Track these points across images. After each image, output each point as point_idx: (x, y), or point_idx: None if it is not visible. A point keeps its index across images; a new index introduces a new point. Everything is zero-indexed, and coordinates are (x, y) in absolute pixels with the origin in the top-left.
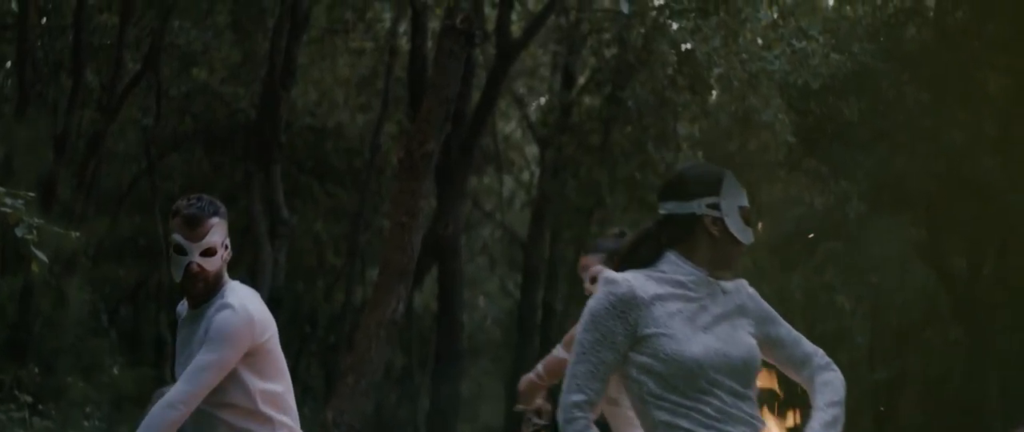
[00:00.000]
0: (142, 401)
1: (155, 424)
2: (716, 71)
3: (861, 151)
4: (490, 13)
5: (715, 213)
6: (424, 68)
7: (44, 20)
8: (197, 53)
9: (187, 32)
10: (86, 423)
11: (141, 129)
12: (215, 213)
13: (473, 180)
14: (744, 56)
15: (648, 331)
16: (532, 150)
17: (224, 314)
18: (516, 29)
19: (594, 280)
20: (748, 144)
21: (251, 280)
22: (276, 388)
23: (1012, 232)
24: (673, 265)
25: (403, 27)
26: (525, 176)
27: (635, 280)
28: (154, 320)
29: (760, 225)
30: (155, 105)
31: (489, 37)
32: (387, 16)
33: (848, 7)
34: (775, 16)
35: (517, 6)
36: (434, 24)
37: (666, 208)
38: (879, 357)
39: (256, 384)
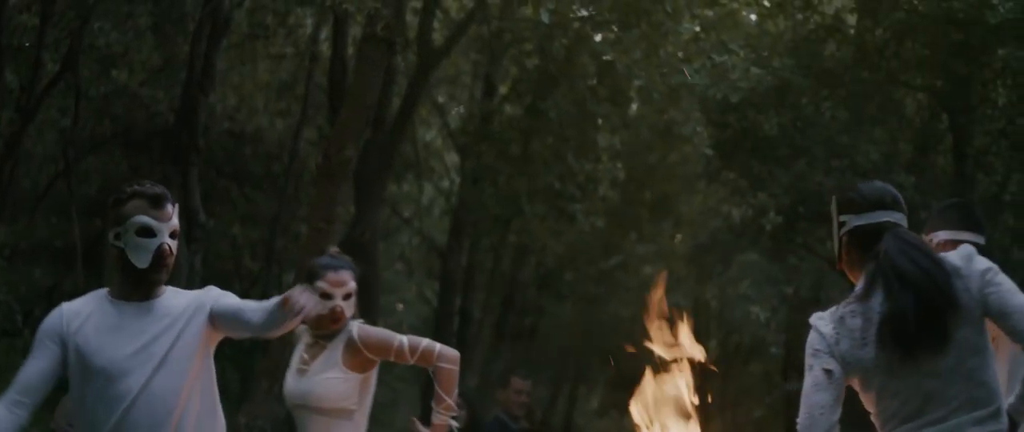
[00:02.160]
0: (51, 403)
1: None
2: (636, 83)
3: (778, 165)
4: (412, 20)
5: None
6: (344, 74)
7: None
8: (117, 55)
9: (107, 34)
10: None
11: (59, 131)
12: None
13: (392, 187)
14: (664, 70)
15: None
16: (452, 158)
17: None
18: (438, 37)
19: (348, 296)
20: (669, 156)
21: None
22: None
23: None
24: None
25: (324, 33)
26: (445, 184)
27: None
28: None
29: (679, 237)
30: (74, 107)
31: (410, 44)
32: (309, 22)
33: (770, 22)
34: (697, 29)
35: (439, 14)
36: (356, 31)
37: (895, 217)
38: (793, 368)
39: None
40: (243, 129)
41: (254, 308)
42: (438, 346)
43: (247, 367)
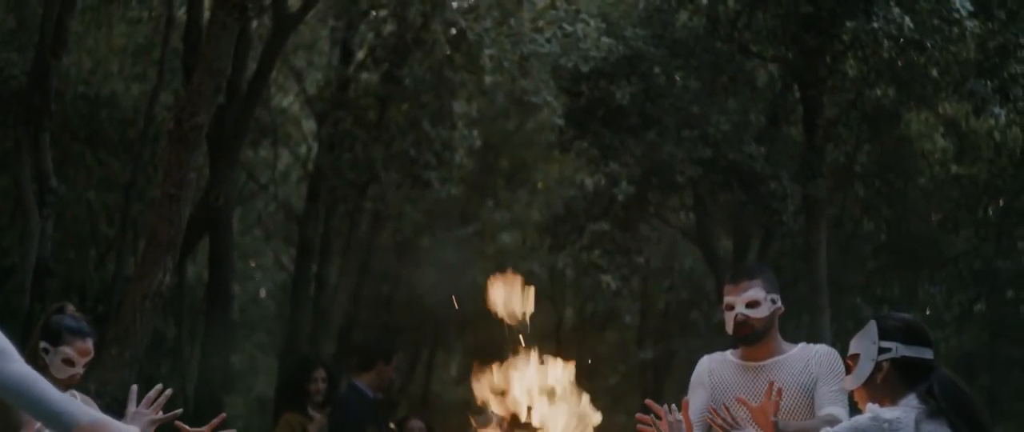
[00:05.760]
0: None
1: None
2: (487, 52)
3: (630, 135)
4: None
5: None
6: (199, 39)
7: None
8: None
9: None
10: None
11: None
12: None
13: (249, 153)
14: (515, 38)
15: None
16: (310, 124)
17: None
18: (294, 2)
19: (87, 365)
20: (525, 124)
21: (20, 248)
22: None
23: (774, 217)
24: None
25: None
26: (303, 150)
27: None
28: None
29: (533, 205)
30: None
31: (266, 9)
32: None
33: None
34: None
35: None
36: None
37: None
38: (647, 337)
39: None
40: (98, 93)
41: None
42: None
43: (101, 334)
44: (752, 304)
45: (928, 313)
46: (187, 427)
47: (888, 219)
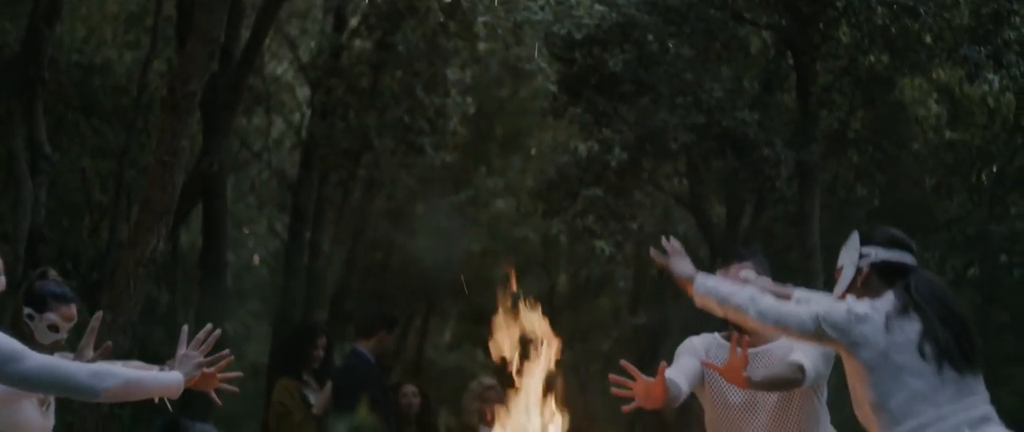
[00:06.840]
0: None
1: None
2: (481, 19)
3: (623, 102)
4: None
5: None
6: (193, 7)
7: None
8: None
9: None
10: None
11: None
12: None
13: (242, 120)
14: (508, 6)
15: None
16: (304, 92)
17: None
18: None
19: (70, 331)
20: (519, 91)
21: (13, 216)
22: None
23: (768, 183)
24: None
25: None
26: (296, 117)
27: None
28: None
29: (527, 171)
30: None
31: None
32: None
33: None
34: None
35: None
36: None
37: (914, 261)
38: (641, 302)
39: None
40: (92, 61)
41: None
42: None
43: (94, 301)
44: None
45: None
46: (191, 352)
47: (881, 185)
